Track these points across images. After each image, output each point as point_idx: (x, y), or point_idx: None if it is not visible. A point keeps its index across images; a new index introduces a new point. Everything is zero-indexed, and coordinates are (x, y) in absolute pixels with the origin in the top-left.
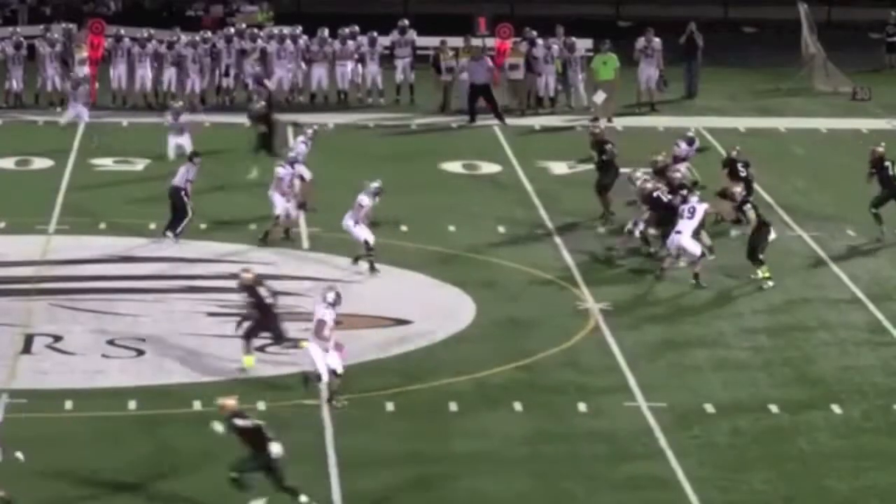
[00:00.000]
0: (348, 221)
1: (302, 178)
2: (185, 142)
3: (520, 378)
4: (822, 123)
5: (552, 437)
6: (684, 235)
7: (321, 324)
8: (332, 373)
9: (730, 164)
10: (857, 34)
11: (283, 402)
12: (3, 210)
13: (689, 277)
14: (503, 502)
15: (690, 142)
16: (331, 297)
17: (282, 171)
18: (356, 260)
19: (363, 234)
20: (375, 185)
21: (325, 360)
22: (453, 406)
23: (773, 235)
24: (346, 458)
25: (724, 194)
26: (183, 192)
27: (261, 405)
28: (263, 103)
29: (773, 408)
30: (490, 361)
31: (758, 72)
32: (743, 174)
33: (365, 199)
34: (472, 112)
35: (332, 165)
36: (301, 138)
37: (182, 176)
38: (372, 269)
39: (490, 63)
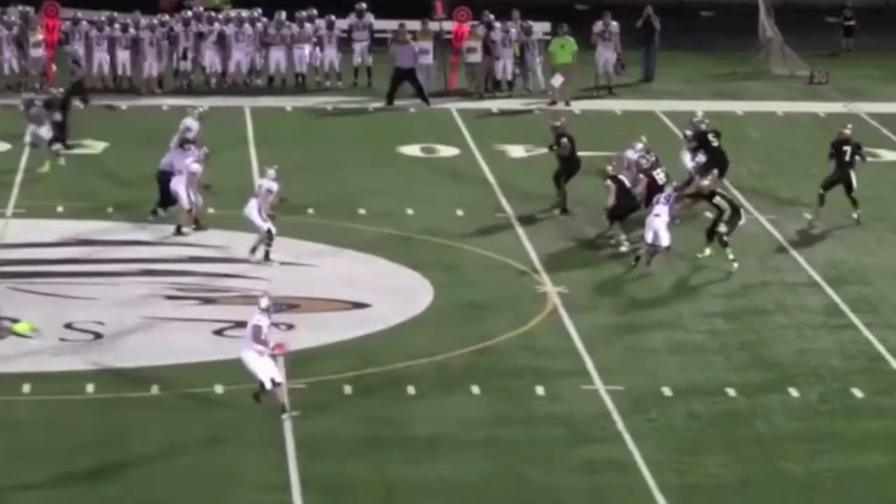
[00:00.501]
0: (253, 210)
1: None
2: (45, 132)
3: (478, 361)
4: (779, 107)
5: (510, 420)
6: (661, 219)
7: (257, 329)
8: (272, 382)
9: (700, 137)
10: (814, 18)
11: (241, 385)
12: None
13: (654, 264)
14: (461, 485)
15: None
16: (265, 303)
17: (196, 166)
18: (254, 250)
19: (267, 223)
20: (274, 170)
21: (263, 367)
22: (411, 389)
23: (742, 221)
24: (305, 441)
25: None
26: (172, 178)
27: (218, 388)
28: (62, 89)
29: (731, 391)
30: (448, 345)
31: (715, 55)
32: (715, 144)
33: (275, 185)
34: (391, 95)
35: (290, 149)
36: (190, 119)
37: (169, 160)
38: (267, 257)
39: (416, 48)
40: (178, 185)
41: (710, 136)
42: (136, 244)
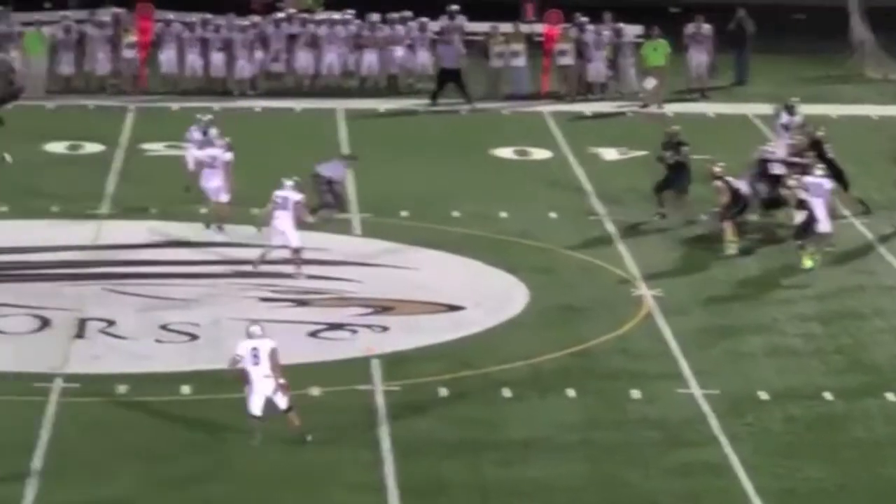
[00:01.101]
0: (287, 224)
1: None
2: None
3: (573, 364)
4: (873, 110)
5: (605, 423)
6: (820, 210)
7: (276, 352)
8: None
9: (816, 146)
10: None
11: (338, 387)
12: (55, 195)
13: (742, 263)
14: (556, 489)
15: (791, 111)
16: (256, 330)
17: (229, 155)
18: (258, 262)
19: (297, 239)
20: (293, 181)
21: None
22: (507, 392)
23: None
24: (400, 443)
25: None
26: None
27: (314, 390)
28: None
29: (828, 395)
30: (543, 348)
31: (808, 58)
32: (830, 155)
33: (301, 196)
34: (435, 94)
35: (382, 150)
36: (193, 127)
37: (331, 169)
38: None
39: (462, 48)
40: (214, 180)
41: (827, 148)
42: (229, 246)
